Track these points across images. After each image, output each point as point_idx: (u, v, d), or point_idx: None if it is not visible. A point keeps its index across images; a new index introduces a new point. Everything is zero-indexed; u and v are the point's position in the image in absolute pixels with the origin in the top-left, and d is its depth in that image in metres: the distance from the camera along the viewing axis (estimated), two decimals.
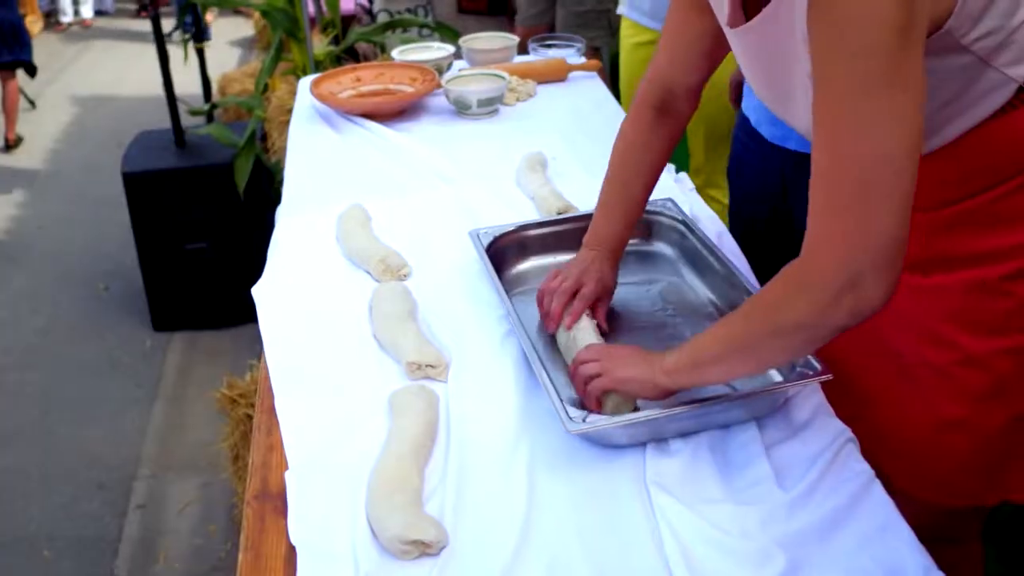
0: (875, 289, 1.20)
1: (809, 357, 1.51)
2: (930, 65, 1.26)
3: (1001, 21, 1.33)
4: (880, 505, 1.37)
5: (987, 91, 1.38)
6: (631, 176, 1.78)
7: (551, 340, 1.71)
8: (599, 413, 1.47)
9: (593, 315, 1.71)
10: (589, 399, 1.50)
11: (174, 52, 4.15)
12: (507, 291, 1.81)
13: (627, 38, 3.37)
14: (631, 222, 1.79)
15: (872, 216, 1.18)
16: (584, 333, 1.64)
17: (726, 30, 1.51)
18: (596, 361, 1.50)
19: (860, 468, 1.42)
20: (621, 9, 3.45)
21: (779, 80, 1.45)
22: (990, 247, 1.48)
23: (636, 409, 1.48)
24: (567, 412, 1.42)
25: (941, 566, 1.28)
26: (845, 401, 1.58)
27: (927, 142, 1.42)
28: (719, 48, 1.65)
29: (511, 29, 4.21)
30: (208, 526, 3.23)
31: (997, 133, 1.41)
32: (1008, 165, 1.43)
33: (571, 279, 1.71)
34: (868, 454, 1.47)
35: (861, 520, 1.34)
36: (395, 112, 2.65)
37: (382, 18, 5.07)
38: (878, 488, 1.39)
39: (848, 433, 1.48)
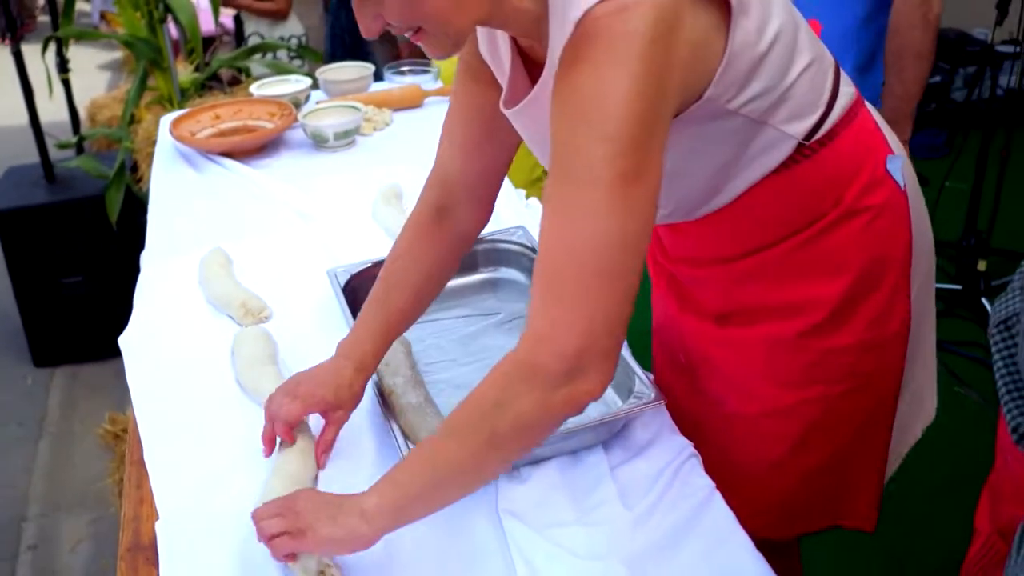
0: (596, 377, 1.16)
1: (645, 384, 1.57)
2: (698, 131, 1.28)
3: (772, 81, 1.30)
4: (720, 516, 1.42)
5: (766, 148, 1.36)
6: (395, 287, 1.59)
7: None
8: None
9: (324, 433, 1.56)
10: (276, 554, 1.30)
11: (40, 82, 4.13)
12: None
13: (448, 67, 3.34)
14: (390, 337, 1.60)
15: (598, 306, 1.14)
16: (286, 466, 1.49)
17: (503, 110, 1.44)
18: (279, 517, 1.29)
19: (702, 482, 1.47)
20: None
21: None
22: (787, 299, 1.50)
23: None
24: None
25: None
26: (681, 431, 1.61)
27: (711, 201, 1.43)
28: (501, 132, 1.51)
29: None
30: (101, 561, 3.23)
31: (783, 187, 1.40)
32: (797, 217, 1.45)
33: (327, 391, 1.54)
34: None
35: (702, 532, 1.39)
36: (254, 149, 2.70)
37: (253, 40, 5.09)
38: (718, 500, 1.44)
39: (690, 448, 1.53)
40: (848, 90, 1.44)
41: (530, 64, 1.38)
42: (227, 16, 5.20)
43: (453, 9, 1.20)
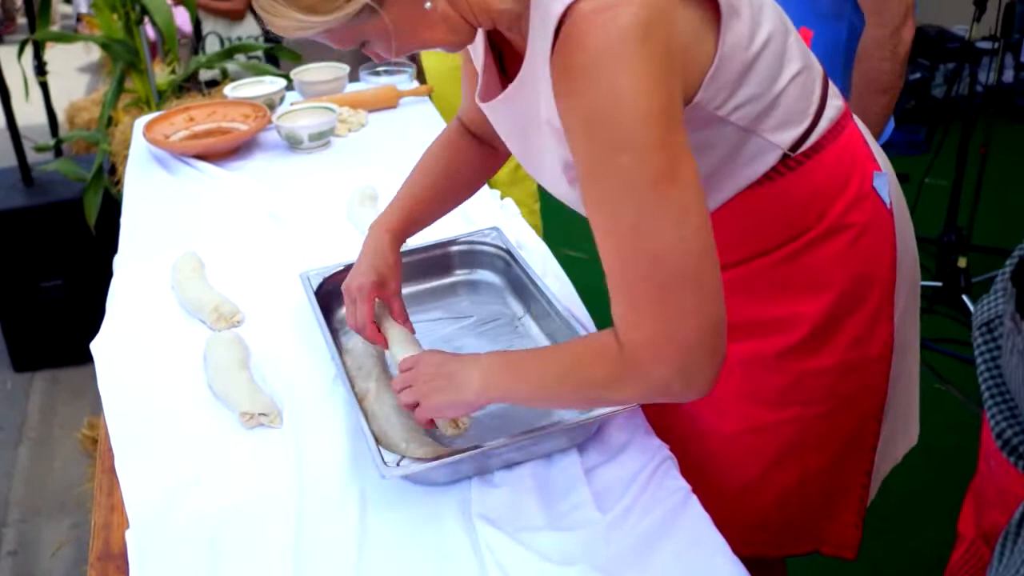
0: (703, 376, 1.19)
1: None
2: (688, 140, 1.22)
3: (762, 87, 1.29)
4: (695, 519, 1.41)
5: (752, 157, 1.34)
6: (415, 181, 1.73)
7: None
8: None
9: (392, 309, 1.69)
10: (419, 422, 1.48)
11: (16, 85, 4.11)
12: (339, 331, 1.87)
13: (434, 67, 3.35)
14: (414, 213, 1.72)
15: (688, 311, 1.14)
16: (396, 347, 1.64)
17: (478, 103, 1.46)
18: (409, 388, 1.46)
19: (676, 485, 1.46)
20: None
21: (529, 149, 1.43)
22: (767, 316, 1.48)
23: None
24: (382, 458, 1.44)
25: None
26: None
27: None
28: None
29: None
30: (82, 567, 3.21)
31: (766, 198, 1.38)
32: (780, 231, 1.42)
33: (365, 278, 1.65)
34: None
35: (677, 536, 1.38)
36: (228, 151, 2.69)
37: (210, 40, 5.06)
38: (694, 503, 1.43)
39: (665, 451, 1.51)
40: (836, 103, 1.42)
41: (510, 57, 1.38)
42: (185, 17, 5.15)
43: (439, 37, 1.25)
